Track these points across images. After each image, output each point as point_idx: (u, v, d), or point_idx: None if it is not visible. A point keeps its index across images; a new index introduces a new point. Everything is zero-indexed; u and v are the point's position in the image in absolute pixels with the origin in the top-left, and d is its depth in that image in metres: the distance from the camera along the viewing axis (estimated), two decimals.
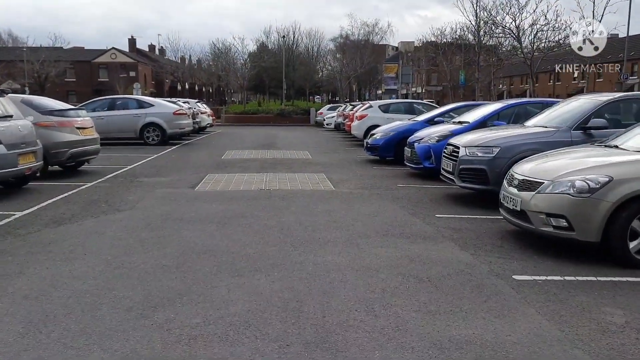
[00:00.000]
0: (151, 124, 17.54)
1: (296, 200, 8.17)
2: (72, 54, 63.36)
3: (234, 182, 9.92)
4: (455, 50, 51.79)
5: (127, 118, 17.52)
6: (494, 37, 25.99)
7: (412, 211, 7.51)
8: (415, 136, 11.21)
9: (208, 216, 7.00)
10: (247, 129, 32.55)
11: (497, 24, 24.84)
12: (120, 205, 7.69)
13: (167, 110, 17.78)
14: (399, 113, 18.48)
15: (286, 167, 12.42)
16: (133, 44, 71.38)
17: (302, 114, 40.47)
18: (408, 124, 13.28)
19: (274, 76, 58.72)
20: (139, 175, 10.89)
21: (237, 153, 15.54)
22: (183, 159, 14.10)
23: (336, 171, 11.77)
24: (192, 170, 11.72)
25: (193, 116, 21.20)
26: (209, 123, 26.59)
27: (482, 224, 6.75)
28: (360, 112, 18.65)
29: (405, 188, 9.54)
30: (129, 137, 17.77)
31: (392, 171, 11.84)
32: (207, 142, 20.08)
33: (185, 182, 9.94)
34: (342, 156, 15.23)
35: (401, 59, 44.93)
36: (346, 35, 64.84)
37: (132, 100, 18.06)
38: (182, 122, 18.10)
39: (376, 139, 13.30)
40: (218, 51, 48.30)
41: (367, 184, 10.00)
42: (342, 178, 10.69)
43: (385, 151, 13.10)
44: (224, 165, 12.61)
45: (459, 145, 8.13)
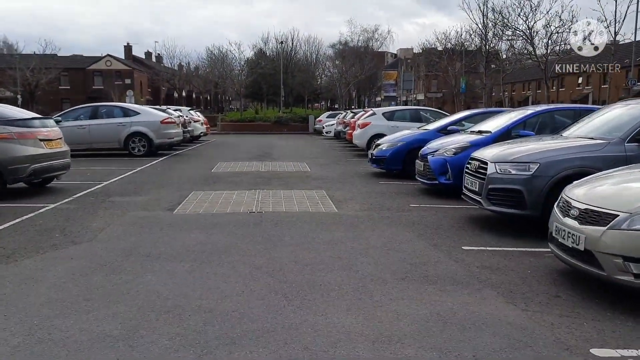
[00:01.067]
0: (137, 134, 16.21)
1: (292, 227, 6.82)
2: (66, 61, 62.12)
3: (221, 202, 8.57)
4: (456, 56, 50.78)
5: (111, 127, 16.20)
6: (504, 40, 24.80)
7: (432, 241, 6.17)
8: (429, 147, 9.89)
9: (182, 251, 5.65)
10: (243, 137, 31.25)
11: (507, 26, 23.54)
12: (78, 236, 6.34)
13: (154, 118, 16.46)
14: (404, 121, 17.19)
15: (282, 182, 11.08)
16: (129, 51, 70.16)
17: (300, 121, 39.21)
18: (418, 134, 11.96)
19: (272, 83, 57.51)
20: (113, 193, 9.54)
21: (228, 165, 14.21)
22: (168, 172, 12.76)
23: (338, 187, 10.44)
24: (175, 186, 10.38)
25: (184, 125, 19.88)
26: (203, 132, 25.27)
27: (523, 261, 5.41)
28: (363, 120, 17.35)
29: (420, 209, 8.20)
30: (113, 147, 16.45)
31: (401, 187, 10.51)
32: (198, 153, 18.74)
33: (165, 202, 8.59)
34: (343, 168, 13.90)
35: (402, 65, 43.67)
36: (345, 42, 63.74)
37: (116, 108, 16.74)
38: (171, 132, 16.77)
39: (382, 150, 11.98)
40: (214, 57, 47.10)
41: (374, 203, 8.66)
42: (345, 196, 9.35)
43: (393, 164, 11.78)
44: (212, 180, 11.27)
45: (486, 161, 6.80)
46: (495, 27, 25.28)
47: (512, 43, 23.85)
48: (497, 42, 26.19)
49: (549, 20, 20.78)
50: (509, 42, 24.08)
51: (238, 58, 44.91)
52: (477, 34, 27.64)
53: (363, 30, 62.63)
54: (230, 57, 45.71)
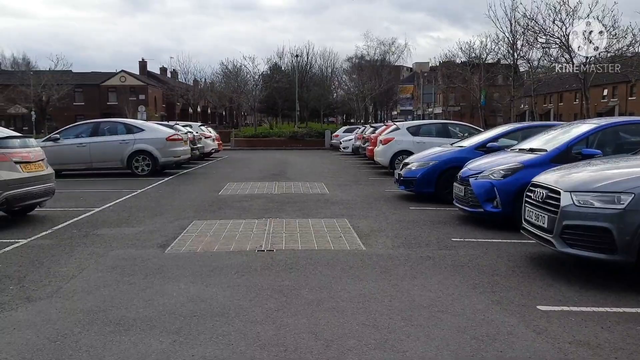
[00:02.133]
0: (140, 152, 14.96)
1: (310, 274, 5.39)
2: (81, 78, 61.80)
3: (225, 236, 7.18)
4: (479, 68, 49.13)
5: (113, 145, 14.97)
6: (536, 48, 23.26)
7: (494, 296, 4.70)
8: (470, 169, 8.42)
9: (165, 315, 4.25)
10: (257, 153, 30.02)
11: (539, 32, 21.91)
12: (38, 288, 4.98)
13: (159, 135, 15.21)
14: (431, 136, 15.74)
15: (297, 207, 9.67)
16: (144, 67, 69.78)
17: (316, 136, 37.90)
18: (452, 152, 10.50)
19: (287, 97, 56.44)
20: (101, 223, 8.21)
21: (238, 186, 12.85)
22: (171, 195, 11.43)
23: (362, 214, 8.99)
24: (175, 214, 9.03)
25: (193, 141, 18.64)
26: (214, 148, 24.04)
27: (628, 331, 3.92)
28: (386, 136, 15.92)
29: (465, 245, 6.72)
30: (114, 167, 15.22)
31: (436, 214, 9.04)
32: (207, 172, 17.44)
33: (158, 236, 7.22)
34: (366, 190, 12.45)
35: (421, 79, 42.36)
36: (361, 55, 62.52)
37: (119, 124, 15.53)
38: (177, 149, 15.50)
39: (411, 170, 10.52)
40: (228, 72, 46.12)
41: (408, 237, 7.20)
42: (372, 226, 7.91)
43: (424, 186, 10.31)
44: (218, 206, 9.90)
45: (558, 189, 5.32)
46: (526, 34, 23.75)
47: (547, 50, 22.30)
48: (527, 50, 24.66)
49: (588, 25, 19.25)
50: (542, 50, 22.57)
51: (252, 72, 43.85)
52: (505, 42, 26.24)
53: (380, 43, 61.30)
54: (245, 72, 44.71)
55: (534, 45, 23.78)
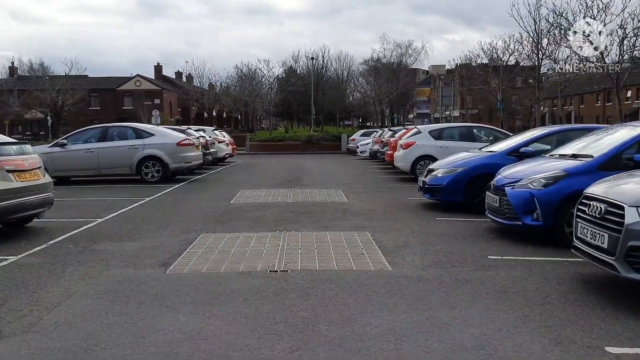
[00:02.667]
0: (150, 157, 14.36)
1: (329, 303, 4.65)
2: (96, 82, 61.91)
3: (234, 252, 6.47)
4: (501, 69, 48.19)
5: (122, 150, 14.40)
6: (564, 46, 22.21)
7: (552, 334, 3.91)
8: (505, 176, 7.62)
9: (154, 358, 3.54)
10: (272, 158, 29.38)
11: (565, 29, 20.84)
12: (14, 320, 4.31)
13: (170, 140, 14.60)
14: (455, 140, 14.93)
15: (313, 218, 8.94)
16: (159, 71, 69.69)
17: (332, 140, 37.16)
18: (482, 157, 9.70)
19: (302, 101, 55.83)
20: (101, 237, 7.56)
21: (252, 194, 12.16)
22: (180, 204, 10.78)
23: (385, 226, 8.23)
24: (182, 225, 8.36)
25: (205, 146, 18.03)
26: (228, 153, 23.44)
27: None
28: (407, 140, 15.13)
29: (505, 264, 5.93)
30: (124, 173, 14.64)
31: (466, 225, 8.25)
32: (220, 178, 16.80)
33: (161, 253, 6.55)
34: (387, 198, 11.67)
35: (438, 81, 41.48)
36: (377, 58, 61.66)
37: (128, 129, 14.94)
38: (189, 155, 14.87)
39: (437, 177, 9.74)
40: (243, 75, 45.61)
41: (439, 254, 6.42)
42: (397, 241, 7.14)
43: (452, 194, 9.52)
44: (229, 216, 9.21)
45: (621, 203, 4.52)
46: (551, 32, 22.73)
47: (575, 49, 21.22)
48: (554, 49, 23.62)
49: (622, 22, 18.23)
50: (571, 48, 21.47)
51: (267, 75, 43.25)
52: (528, 42, 25.23)
53: (396, 46, 60.42)
54: (259, 75, 44.14)
55: (562, 44, 22.77)
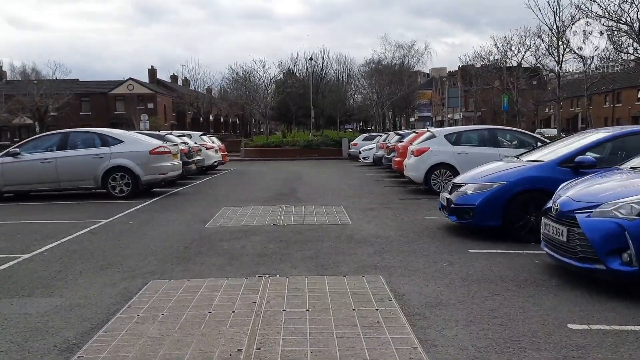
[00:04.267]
0: (118, 168, 12.21)
1: None
2: (87, 86, 59.84)
3: (187, 318, 4.31)
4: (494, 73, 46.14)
5: (84, 160, 12.23)
6: (594, 36, 20.02)
7: None
8: (573, 198, 5.46)
9: None
10: (268, 165, 27.24)
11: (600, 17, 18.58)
12: None
13: (141, 148, 12.42)
14: (475, 145, 12.82)
15: (308, 252, 6.77)
16: (153, 75, 67.43)
17: (332, 145, 35.01)
18: (525, 169, 7.52)
19: (301, 104, 53.69)
20: (8, 287, 5.40)
21: (234, 213, 10.00)
22: (142, 229, 8.61)
23: (404, 264, 6.07)
24: (130, 265, 6.20)
25: (188, 154, 15.88)
26: (217, 161, 21.27)
27: None
28: (419, 145, 12.96)
29: (599, 338, 3.75)
30: (87, 187, 12.47)
31: (513, 262, 6.08)
32: (203, 190, 14.60)
33: (75, 321, 4.39)
34: (400, 218, 9.49)
35: (444, 82, 39.44)
36: (378, 60, 59.46)
37: (93, 134, 12.72)
38: (164, 165, 12.68)
39: (467, 195, 7.57)
40: (237, 77, 43.42)
41: (493, 320, 4.25)
42: (425, 295, 4.98)
43: (487, 217, 7.35)
44: (197, 249, 7.04)
45: None
46: (574, 22, 20.57)
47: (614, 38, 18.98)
48: (579, 42, 21.39)
49: None
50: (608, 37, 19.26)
51: (263, 77, 41.02)
52: (547, 35, 23.06)
53: (398, 47, 58.26)
54: (256, 77, 41.91)
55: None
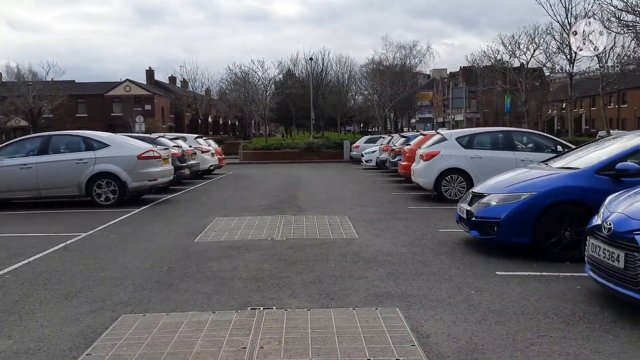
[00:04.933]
0: (103, 174, 11.28)
1: None
2: (83, 88, 58.98)
3: None
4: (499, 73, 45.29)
5: (66, 166, 11.31)
6: (616, 32, 19.05)
7: None
8: (629, 215, 4.53)
9: None
10: (267, 168, 26.32)
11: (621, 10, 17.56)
12: None
13: (128, 152, 11.50)
14: (489, 149, 11.90)
15: (310, 275, 5.84)
16: (151, 76, 66.63)
17: (333, 147, 34.04)
18: (558, 177, 6.59)
19: (301, 105, 52.82)
20: None
21: (228, 224, 9.07)
22: (123, 245, 7.67)
23: (423, 292, 5.14)
24: (100, 294, 5.27)
25: (181, 158, 14.96)
26: (213, 165, 20.33)
27: None
28: (428, 149, 12.04)
29: None
30: (70, 194, 11.54)
31: (551, 288, 5.16)
32: (196, 197, 13.65)
33: None
34: (411, 230, 8.55)
35: (443, 82, 38.61)
36: (379, 60, 58.59)
37: (76, 138, 11.81)
38: (153, 170, 11.75)
39: (491, 207, 6.64)
40: (236, 78, 42.43)
41: None
42: (454, 336, 4.05)
43: (514, 232, 6.42)
44: (182, 271, 6.11)
45: None
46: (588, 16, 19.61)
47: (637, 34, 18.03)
48: (600, 38, 20.42)
49: None
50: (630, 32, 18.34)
51: (262, 77, 40.00)
52: (559, 32, 22.19)
53: (400, 47, 57.40)
54: (255, 78, 40.91)
55: (611, 28, 19.53)
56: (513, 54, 29.91)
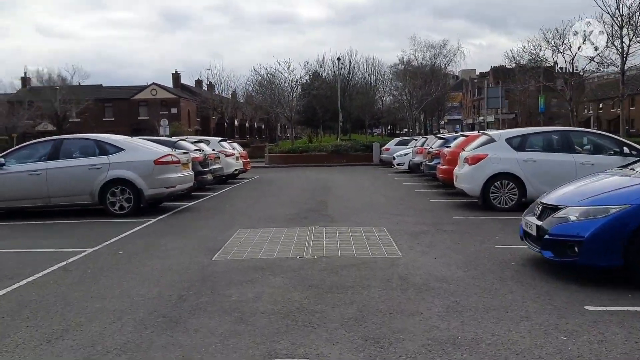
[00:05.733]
0: (118, 181, 10.38)
1: None
2: (111, 92, 59.05)
3: None
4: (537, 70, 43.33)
5: (79, 172, 10.44)
6: None
7: None
8: None
9: None
10: (293, 172, 25.31)
11: None
12: None
13: (144, 157, 10.56)
14: (545, 150, 10.62)
15: (350, 309, 4.71)
16: (177, 79, 66.34)
17: (362, 150, 32.85)
18: None
19: (328, 107, 51.68)
20: None
21: (251, 238, 8.02)
22: (131, 264, 6.67)
23: (502, 340, 3.96)
24: (91, 335, 4.26)
25: (203, 162, 14.02)
26: (238, 169, 19.38)
27: None
28: (475, 151, 10.79)
29: None
30: (83, 202, 10.66)
31: None
32: (218, 205, 12.64)
33: None
34: (465, 248, 7.33)
35: (486, 81, 37.14)
36: (408, 61, 57.02)
37: (89, 141, 10.89)
38: (172, 177, 10.79)
39: (571, 223, 5.41)
40: (262, 79, 41.52)
41: None
42: None
43: (602, 253, 5.19)
44: (194, 301, 5.05)
45: None
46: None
47: None
48: None
49: None
50: None
51: (288, 78, 39.01)
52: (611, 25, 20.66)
53: (429, 47, 55.72)
54: (281, 79, 39.91)
55: None
56: (557, 49, 28.10)
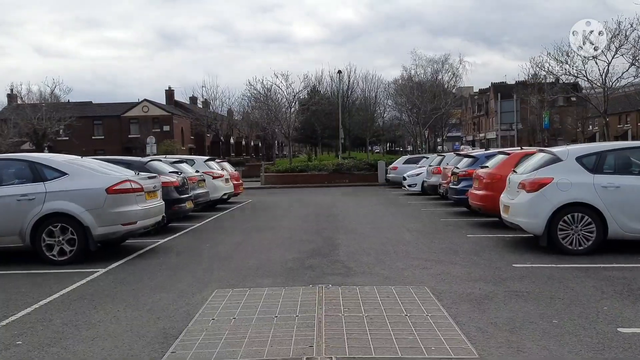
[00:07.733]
0: (57, 216, 7.67)
1: None
2: (101, 109, 56.55)
3: None
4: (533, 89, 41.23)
5: (3, 204, 7.74)
6: None
7: None
8: None
9: None
10: (291, 194, 22.62)
11: None
12: None
13: (94, 184, 7.83)
14: (631, 173, 7.96)
15: None
16: (170, 96, 63.86)
17: (366, 169, 30.22)
18: None
19: (327, 124, 49.12)
20: None
21: (232, 308, 5.30)
22: None
23: None
24: None
25: (180, 187, 11.31)
26: (228, 192, 16.65)
27: None
28: (532, 174, 8.07)
29: None
30: (8, 245, 7.92)
31: None
32: (195, 246, 9.85)
33: None
34: (570, 330, 4.66)
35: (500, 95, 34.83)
36: (409, 77, 54.72)
37: (19, 163, 8.22)
38: (132, 210, 8.05)
39: None
40: (257, 94, 38.97)
41: None
42: None
43: None
44: None
45: None
46: None
47: None
48: None
49: None
50: None
51: (286, 92, 36.45)
52: None
53: (430, 62, 53.46)
54: (278, 93, 37.36)
55: None
56: (566, 62, 25.72)
